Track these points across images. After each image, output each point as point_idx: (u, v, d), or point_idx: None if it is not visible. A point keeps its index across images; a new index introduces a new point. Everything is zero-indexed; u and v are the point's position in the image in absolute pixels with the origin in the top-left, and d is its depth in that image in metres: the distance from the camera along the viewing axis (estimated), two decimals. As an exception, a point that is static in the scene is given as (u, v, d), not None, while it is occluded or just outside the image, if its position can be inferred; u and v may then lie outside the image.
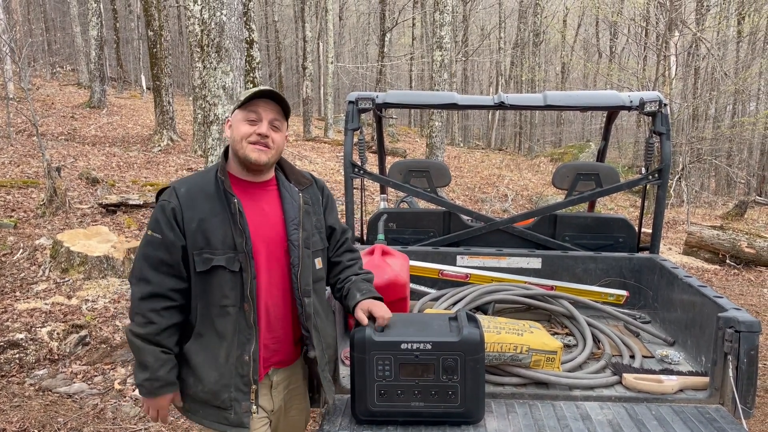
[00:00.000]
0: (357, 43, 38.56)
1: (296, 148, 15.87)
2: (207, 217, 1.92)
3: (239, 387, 1.93)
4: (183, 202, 1.93)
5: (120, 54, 26.46)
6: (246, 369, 1.93)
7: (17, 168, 9.73)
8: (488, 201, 13.16)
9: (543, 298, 3.20)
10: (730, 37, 20.41)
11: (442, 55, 11.64)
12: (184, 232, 1.92)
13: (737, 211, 13.63)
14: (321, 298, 2.13)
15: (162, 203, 1.96)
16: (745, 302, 7.06)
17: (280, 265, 2.02)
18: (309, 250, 2.04)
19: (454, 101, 3.77)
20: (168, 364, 1.92)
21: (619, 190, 4.02)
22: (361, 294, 2.13)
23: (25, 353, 4.63)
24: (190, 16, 8.61)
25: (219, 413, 1.94)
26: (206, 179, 1.99)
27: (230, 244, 1.91)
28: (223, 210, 1.93)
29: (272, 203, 2.05)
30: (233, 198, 1.92)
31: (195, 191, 1.96)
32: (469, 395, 2.08)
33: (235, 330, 1.92)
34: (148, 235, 1.94)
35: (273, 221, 2.02)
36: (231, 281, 1.91)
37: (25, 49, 11.32)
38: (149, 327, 1.89)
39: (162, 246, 1.91)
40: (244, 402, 1.94)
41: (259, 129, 1.95)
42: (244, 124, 1.96)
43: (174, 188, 1.98)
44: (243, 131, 1.95)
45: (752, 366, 2.20)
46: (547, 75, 30.60)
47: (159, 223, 1.93)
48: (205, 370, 1.93)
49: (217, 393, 1.93)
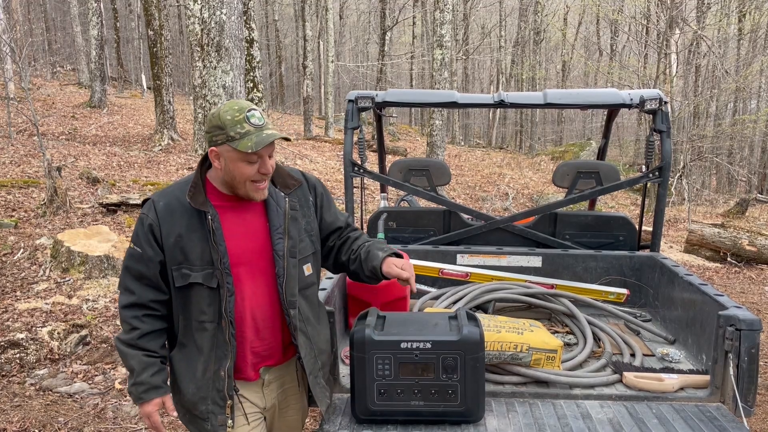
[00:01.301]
0: (357, 41, 38.54)
1: (297, 147, 15.87)
2: (184, 233, 1.90)
3: (215, 401, 1.95)
4: (161, 217, 1.91)
5: (120, 53, 26.47)
6: (221, 384, 1.94)
7: (18, 168, 9.74)
8: (489, 199, 13.16)
9: (543, 296, 3.19)
10: (730, 35, 20.37)
11: (443, 53, 11.63)
12: (162, 247, 1.91)
13: (738, 209, 13.61)
14: (312, 304, 2.11)
15: (141, 217, 1.95)
16: (746, 300, 7.05)
17: (265, 276, 1.99)
18: (295, 259, 2.01)
19: (455, 100, 3.77)
20: (152, 367, 1.93)
21: (620, 188, 4.01)
22: (383, 252, 2.09)
23: (25, 353, 4.63)
24: (190, 15, 8.59)
25: (199, 422, 1.99)
26: (185, 191, 1.92)
27: (208, 260, 1.90)
28: (201, 225, 1.90)
29: (256, 212, 2.00)
30: (207, 214, 1.88)
31: (174, 205, 1.92)
32: (469, 394, 2.08)
33: (213, 345, 1.93)
34: (130, 248, 1.96)
35: (257, 231, 1.98)
36: (209, 297, 1.91)
37: (25, 48, 11.32)
38: (132, 333, 1.93)
39: (141, 260, 1.92)
40: (219, 416, 1.96)
41: (262, 168, 1.87)
42: (244, 165, 1.84)
43: (153, 201, 1.94)
44: (246, 173, 1.85)
45: (753, 364, 2.20)
46: (548, 73, 30.60)
47: (138, 237, 1.94)
48: (185, 381, 1.97)
49: (195, 404, 1.96)
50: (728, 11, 19.16)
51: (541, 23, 25.28)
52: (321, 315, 2.18)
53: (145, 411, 1.96)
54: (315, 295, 2.15)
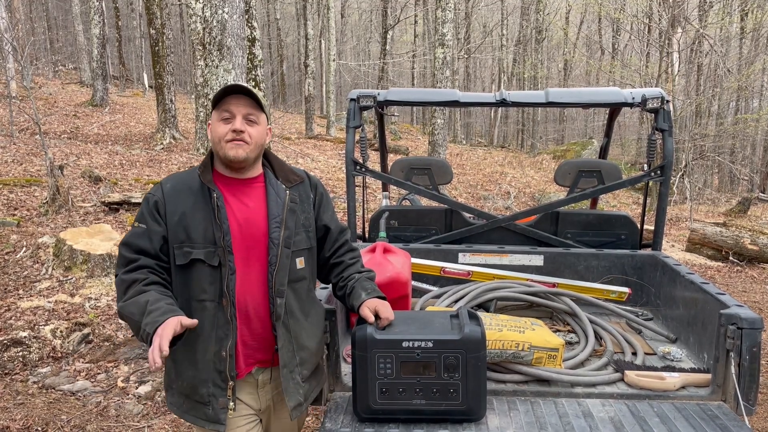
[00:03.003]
0: (359, 40, 38.53)
1: (298, 146, 15.88)
2: (189, 212, 1.94)
3: (216, 383, 1.93)
4: (167, 196, 1.97)
5: (122, 52, 26.48)
6: (223, 365, 1.93)
7: (20, 166, 9.75)
8: (490, 198, 13.15)
9: (545, 295, 3.19)
10: (733, 34, 20.34)
11: (444, 52, 11.63)
12: (166, 224, 1.94)
13: (740, 208, 13.61)
14: (300, 298, 2.10)
15: (147, 196, 2.00)
16: (747, 299, 7.05)
17: (260, 263, 2.00)
18: (289, 250, 2.02)
19: (456, 98, 3.77)
20: (167, 299, 1.85)
21: (622, 187, 4.01)
22: (367, 293, 2.13)
23: (28, 351, 4.65)
24: (192, 14, 8.59)
25: (198, 408, 1.96)
26: (192, 175, 2.02)
27: (210, 239, 1.92)
28: (205, 205, 1.95)
29: (256, 200, 2.04)
30: (213, 192, 1.95)
31: (180, 186, 1.99)
32: (471, 393, 2.08)
33: (213, 325, 1.92)
34: (134, 227, 1.97)
35: (255, 218, 2.01)
36: (210, 275, 1.92)
37: (27, 47, 11.34)
38: (138, 284, 1.86)
39: (144, 235, 1.93)
40: (221, 398, 1.94)
41: (233, 126, 1.95)
42: (219, 124, 1.97)
43: (161, 183, 2.02)
44: (219, 132, 1.96)
45: (754, 363, 2.20)
46: (550, 72, 30.58)
47: (143, 215, 1.96)
48: (184, 365, 1.95)
49: (195, 388, 1.94)
50: (730, 10, 19.12)
51: (543, 22, 25.28)
52: (311, 313, 2.15)
53: (162, 332, 1.69)
54: (305, 291, 2.12)
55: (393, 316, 2.11)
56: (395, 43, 30.45)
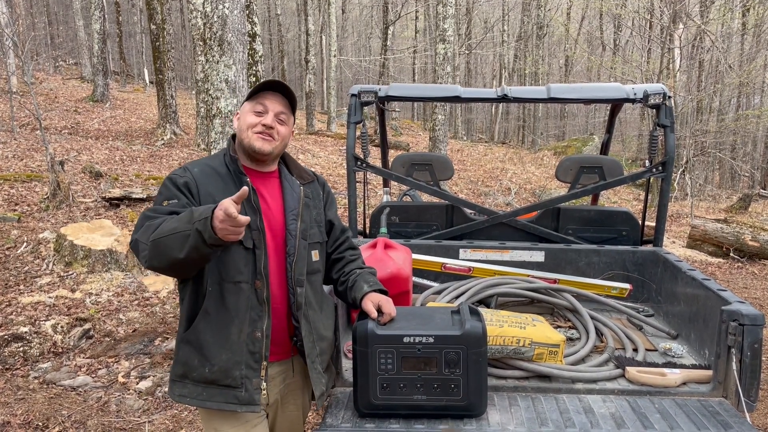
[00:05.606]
0: (360, 36, 38.46)
1: (299, 142, 15.86)
2: (221, 196, 1.86)
3: (250, 364, 1.92)
4: (198, 178, 1.97)
5: (123, 48, 26.43)
6: (258, 346, 1.93)
7: (21, 162, 9.75)
8: (491, 194, 13.14)
9: (546, 291, 3.19)
10: (734, 30, 20.30)
11: (445, 48, 11.61)
12: (199, 202, 1.92)
13: (741, 204, 13.60)
14: (315, 290, 2.14)
15: (173, 177, 1.95)
16: (749, 295, 7.05)
17: (278, 254, 2.03)
18: (306, 242, 2.07)
19: (457, 94, 3.76)
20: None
21: (623, 183, 4.00)
22: (369, 286, 2.16)
23: (29, 346, 4.65)
24: (192, 9, 8.57)
25: (228, 393, 1.91)
26: (217, 162, 2.04)
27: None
28: (236, 189, 1.91)
29: (273, 193, 2.08)
30: (245, 177, 1.97)
31: (208, 171, 2.01)
32: (472, 389, 2.08)
33: (248, 306, 1.93)
34: (154, 206, 1.89)
35: (273, 210, 2.05)
36: (245, 257, 1.93)
37: (27, 43, 11.32)
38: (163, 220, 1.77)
39: (178, 206, 1.85)
40: (255, 379, 1.93)
41: (264, 120, 1.99)
42: (250, 114, 2.00)
43: (186, 167, 2.01)
44: (249, 121, 2.00)
45: (756, 359, 2.19)
46: (551, 68, 30.53)
47: (172, 192, 1.90)
48: (215, 348, 1.91)
49: (227, 371, 1.90)
50: (732, 6, 19.05)
51: (544, 18, 25.23)
52: (324, 305, 2.19)
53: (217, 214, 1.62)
54: (319, 283, 2.19)
55: (395, 312, 2.12)
56: (396, 38, 30.40)
